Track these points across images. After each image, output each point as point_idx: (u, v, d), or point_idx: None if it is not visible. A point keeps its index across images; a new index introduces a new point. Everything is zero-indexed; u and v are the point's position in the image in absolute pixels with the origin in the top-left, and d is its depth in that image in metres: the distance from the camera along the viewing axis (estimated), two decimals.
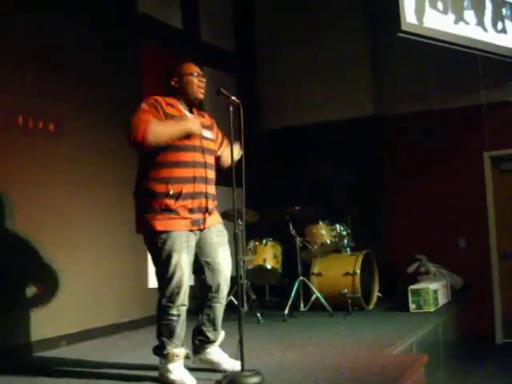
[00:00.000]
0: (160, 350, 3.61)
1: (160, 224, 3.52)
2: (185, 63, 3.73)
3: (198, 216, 3.62)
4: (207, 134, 3.76)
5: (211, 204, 3.70)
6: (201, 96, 3.73)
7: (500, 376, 6.04)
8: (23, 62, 4.98)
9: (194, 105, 3.76)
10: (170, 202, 3.52)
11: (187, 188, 3.55)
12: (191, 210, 3.58)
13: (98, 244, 5.55)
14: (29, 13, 5.04)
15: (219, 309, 3.81)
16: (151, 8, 6.56)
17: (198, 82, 3.70)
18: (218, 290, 3.75)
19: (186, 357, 3.69)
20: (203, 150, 3.66)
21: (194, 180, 3.58)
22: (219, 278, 3.74)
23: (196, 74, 3.71)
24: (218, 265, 3.75)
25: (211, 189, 3.72)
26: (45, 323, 4.91)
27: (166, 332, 3.58)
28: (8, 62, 4.85)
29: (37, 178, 4.99)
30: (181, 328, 3.61)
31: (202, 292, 3.76)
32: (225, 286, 3.79)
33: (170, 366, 3.56)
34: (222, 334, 3.89)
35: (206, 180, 3.65)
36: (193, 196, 3.58)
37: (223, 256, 3.78)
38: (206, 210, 3.66)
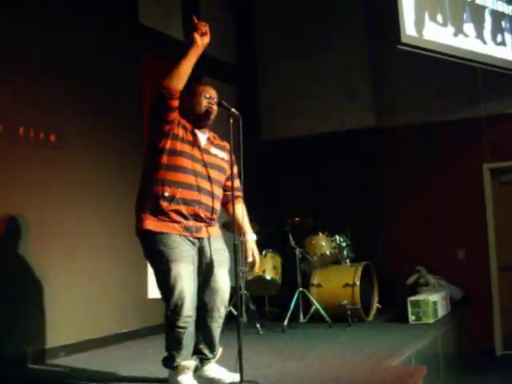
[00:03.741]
0: (169, 362, 3.60)
1: (150, 224, 3.55)
2: (200, 83, 3.78)
3: (191, 223, 3.61)
4: (214, 150, 3.78)
5: (211, 216, 3.70)
6: (205, 114, 3.73)
7: None
8: (23, 72, 5.01)
9: (202, 124, 3.75)
10: (163, 204, 3.55)
11: (182, 193, 3.57)
12: (184, 216, 3.58)
13: (97, 254, 5.55)
14: (29, 24, 5.07)
15: (216, 329, 3.76)
16: (152, 20, 6.60)
17: (206, 103, 3.72)
18: (213, 309, 3.69)
19: (196, 369, 3.68)
20: (205, 163, 3.68)
21: (191, 187, 3.59)
22: (216, 297, 3.69)
23: (208, 95, 3.73)
24: (215, 283, 3.69)
25: (216, 204, 3.71)
26: (43, 333, 4.91)
27: (173, 344, 3.56)
28: (8, 72, 4.87)
29: (37, 188, 5.00)
30: (189, 340, 3.58)
31: (198, 309, 3.66)
32: (222, 307, 3.72)
33: (180, 378, 3.55)
34: (219, 351, 3.86)
35: (210, 193, 3.66)
36: (188, 203, 3.58)
37: (222, 276, 3.72)
38: (202, 220, 3.66)
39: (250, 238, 3.89)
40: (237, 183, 3.89)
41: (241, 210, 3.88)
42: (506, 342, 7.64)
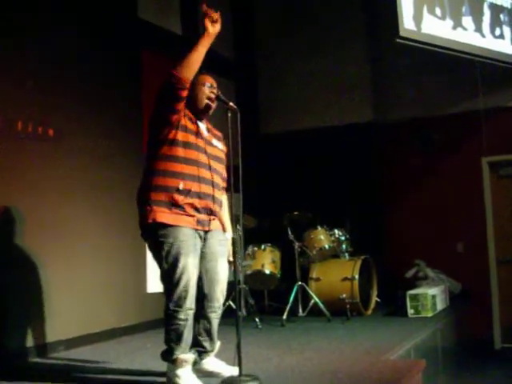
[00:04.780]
0: (168, 355, 3.59)
1: (164, 217, 3.52)
2: (200, 74, 3.74)
3: (203, 217, 3.63)
4: (215, 142, 3.81)
5: (216, 208, 3.72)
6: (208, 103, 3.74)
7: (499, 381, 6.05)
8: (23, 67, 4.99)
9: (202, 114, 3.77)
10: (178, 198, 3.53)
11: (195, 187, 3.57)
12: (197, 210, 3.60)
13: (96, 249, 5.55)
14: (28, 20, 5.05)
15: (214, 320, 3.79)
16: (151, 14, 6.59)
17: (209, 93, 3.74)
18: (213, 300, 3.74)
19: (195, 362, 3.69)
20: (206, 153, 3.68)
21: (204, 180, 3.60)
22: (216, 288, 3.73)
23: (209, 85, 3.75)
24: (216, 274, 3.73)
25: (218, 193, 3.73)
26: (43, 328, 4.91)
27: (173, 337, 3.55)
28: (8, 68, 4.86)
29: (35, 184, 4.99)
30: (188, 332, 3.58)
31: (197, 300, 3.67)
32: (221, 296, 3.78)
33: (179, 372, 3.54)
34: (217, 344, 3.88)
35: (212, 183, 3.66)
36: (200, 196, 3.59)
37: (222, 266, 3.77)
38: (211, 213, 3.68)
39: (228, 236, 3.87)
40: (225, 173, 3.88)
41: (225, 204, 3.87)
42: (504, 335, 7.65)
